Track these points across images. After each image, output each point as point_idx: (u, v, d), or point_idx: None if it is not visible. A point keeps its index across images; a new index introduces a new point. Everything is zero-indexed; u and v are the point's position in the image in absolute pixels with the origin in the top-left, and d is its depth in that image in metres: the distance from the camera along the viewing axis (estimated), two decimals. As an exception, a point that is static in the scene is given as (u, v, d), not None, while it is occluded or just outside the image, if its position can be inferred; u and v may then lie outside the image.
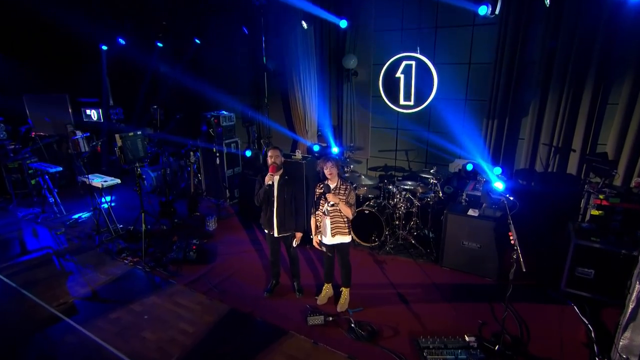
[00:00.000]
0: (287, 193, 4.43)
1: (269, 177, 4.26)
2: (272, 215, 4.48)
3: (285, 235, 4.57)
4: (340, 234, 4.31)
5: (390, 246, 5.89)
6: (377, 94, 7.40)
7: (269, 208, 4.50)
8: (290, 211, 4.48)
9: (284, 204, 4.43)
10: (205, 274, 5.32)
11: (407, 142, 7.43)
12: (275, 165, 4.32)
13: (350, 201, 4.24)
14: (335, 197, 4.14)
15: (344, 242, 4.36)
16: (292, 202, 4.48)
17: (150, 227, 6.55)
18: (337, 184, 4.24)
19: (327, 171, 4.18)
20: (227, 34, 8.16)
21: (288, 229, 4.52)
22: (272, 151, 4.40)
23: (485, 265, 5.05)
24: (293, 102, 7.87)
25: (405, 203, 5.95)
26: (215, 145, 7.33)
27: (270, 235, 4.60)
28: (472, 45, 6.38)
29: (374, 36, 7.19)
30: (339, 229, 4.30)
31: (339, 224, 4.29)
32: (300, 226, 4.56)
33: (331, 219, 4.28)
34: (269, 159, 4.39)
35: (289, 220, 4.49)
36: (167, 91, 9.10)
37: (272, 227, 4.50)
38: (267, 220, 4.54)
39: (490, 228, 4.90)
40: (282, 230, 4.49)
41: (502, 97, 6.11)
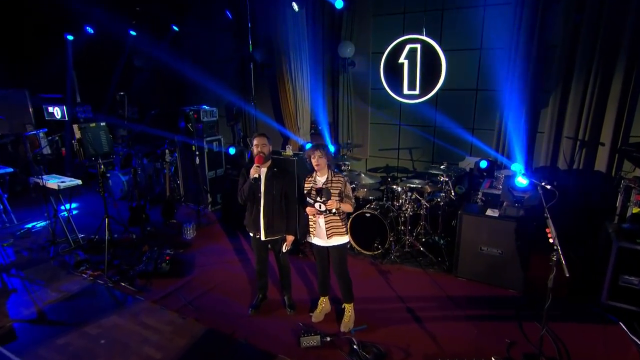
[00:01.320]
0: (275, 188, 3.95)
1: (255, 169, 3.78)
2: (258, 215, 3.99)
3: (273, 239, 4.08)
4: (338, 234, 3.84)
5: (396, 254, 5.43)
6: (377, 86, 7.02)
7: (254, 206, 4.02)
8: (279, 210, 4.00)
9: (272, 202, 3.96)
10: (179, 288, 4.80)
11: (411, 139, 7.02)
12: (262, 156, 3.85)
13: (347, 193, 3.81)
14: (335, 203, 3.67)
15: (341, 244, 3.87)
16: (281, 199, 4.01)
17: (118, 236, 6.05)
18: (328, 177, 3.79)
19: (314, 161, 3.73)
20: (208, 20, 7.75)
21: (277, 232, 4.04)
22: (258, 138, 3.92)
23: (508, 274, 4.60)
24: (283, 96, 7.43)
25: (411, 205, 5.49)
26: (195, 142, 6.82)
27: (256, 239, 4.09)
28: (483, 29, 6.05)
29: (373, 21, 6.85)
30: (336, 228, 3.83)
31: (335, 222, 3.83)
32: (292, 228, 4.08)
33: (326, 217, 3.80)
34: (255, 148, 3.91)
35: (279, 220, 4.01)
36: (141, 85, 8.59)
37: (259, 229, 4.01)
38: (252, 221, 4.04)
39: (513, 230, 4.48)
40: (270, 232, 4.01)
41: (519, 86, 5.74)
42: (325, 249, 3.95)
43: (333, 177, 3.79)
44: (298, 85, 7.25)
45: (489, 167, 5.85)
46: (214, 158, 7.31)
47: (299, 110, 7.39)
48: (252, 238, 4.16)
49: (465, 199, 5.78)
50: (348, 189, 3.83)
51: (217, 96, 8.25)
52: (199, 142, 6.97)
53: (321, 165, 3.74)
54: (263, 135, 3.98)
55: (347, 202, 3.78)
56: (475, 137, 6.43)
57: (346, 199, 3.79)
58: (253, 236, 4.12)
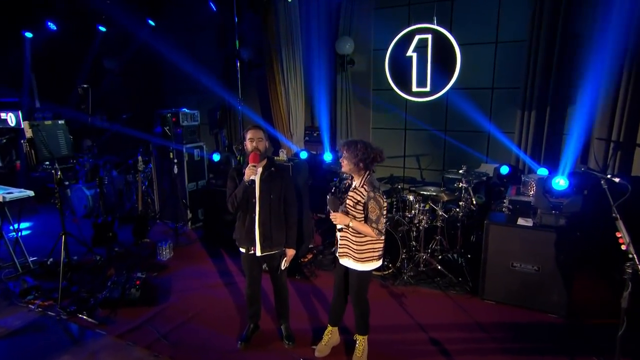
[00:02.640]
0: (274, 191, 3.44)
1: (251, 169, 3.27)
2: (252, 225, 3.46)
3: (271, 254, 3.55)
4: (350, 257, 3.29)
5: (409, 274, 4.94)
6: (380, 86, 6.68)
7: (247, 215, 3.49)
8: (278, 218, 3.49)
9: (269, 208, 3.44)
10: (151, 318, 4.21)
11: (418, 145, 6.64)
12: (257, 153, 3.35)
13: (369, 215, 3.14)
14: (343, 217, 3.14)
15: (356, 270, 3.30)
16: (280, 204, 3.49)
17: (78, 258, 5.41)
18: (358, 182, 3.22)
19: (341, 159, 3.22)
20: (189, 14, 7.36)
21: (275, 245, 3.51)
22: (253, 131, 3.43)
23: (547, 296, 4.11)
24: (274, 99, 7.00)
25: (426, 216, 4.99)
26: (174, 149, 6.29)
27: (248, 256, 3.55)
28: (499, 19, 5.79)
29: (374, 15, 6.59)
30: (349, 249, 3.29)
31: (350, 243, 3.28)
32: (293, 240, 3.56)
33: (340, 233, 3.31)
34: (248, 144, 3.42)
35: (277, 231, 3.49)
36: (111, 88, 8.05)
37: (253, 242, 3.48)
38: (245, 233, 3.51)
39: (552, 241, 4.02)
40: (267, 245, 3.48)
41: (541, 82, 5.48)
42: (343, 268, 3.41)
43: (360, 186, 3.20)
44: (291, 87, 6.84)
45: (511, 173, 5.46)
46: (195, 167, 6.82)
47: (292, 114, 6.95)
48: (244, 255, 3.61)
49: (484, 210, 5.32)
50: (371, 209, 3.09)
51: (198, 100, 7.83)
52: (178, 148, 6.44)
53: (345, 167, 3.21)
54: (258, 127, 3.49)
55: (367, 224, 3.15)
56: (492, 141, 6.07)
57: (369, 222, 3.16)
58: (245, 252, 3.57)
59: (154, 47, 7.96)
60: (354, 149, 3.12)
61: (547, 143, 5.59)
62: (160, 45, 7.93)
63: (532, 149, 5.66)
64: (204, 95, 7.97)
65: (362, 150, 3.10)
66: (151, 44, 7.92)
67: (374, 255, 3.23)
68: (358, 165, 3.12)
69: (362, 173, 3.17)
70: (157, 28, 7.78)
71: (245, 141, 3.47)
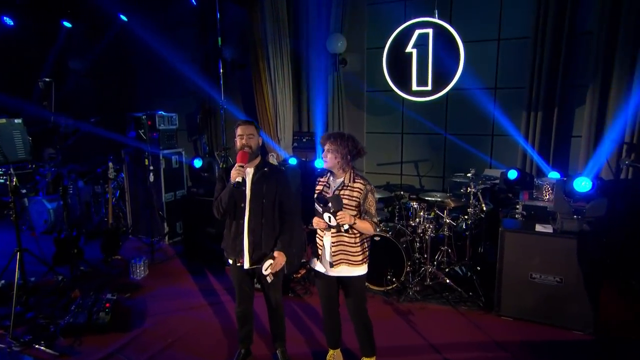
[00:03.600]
0: (267, 195, 3.13)
1: (238, 170, 2.94)
2: (240, 233, 3.13)
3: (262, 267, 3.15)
4: (348, 262, 3.00)
5: (415, 289, 4.64)
6: (374, 87, 6.47)
7: (234, 222, 3.17)
8: (271, 225, 3.16)
9: (261, 213, 3.12)
10: (124, 346, 3.79)
11: (416, 151, 6.44)
12: (246, 152, 3.04)
13: (369, 209, 2.95)
14: (348, 216, 2.84)
15: (353, 276, 3.03)
16: (274, 209, 3.17)
17: (36, 279, 4.96)
18: (346, 178, 2.98)
19: (324, 153, 3.00)
20: (166, 8, 7.05)
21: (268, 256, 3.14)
22: (244, 127, 3.13)
23: (571, 310, 3.87)
24: (260, 102, 6.70)
25: (432, 225, 4.72)
26: (149, 155, 5.91)
27: (236, 268, 3.22)
28: (501, 15, 5.68)
29: (368, 11, 6.43)
30: (346, 254, 3.00)
31: (347, 246, 2.99)
32: (284, 245, 3.15)
33: (335, 237, 2.99)
34: (237, 140, 3.11)
35: (270, 239, 3.15)
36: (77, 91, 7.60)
37: (241, 253, 3.14)
38: (231, 242, 3.18)
39: (576, 249, 3.79)
40: (257, 257, 3.14)
41: (547, 82, 5.36)
42: (334, 281, 3.11)
43: (352, 181, 2.97)
44: (278, 88, 6.56)
45: (519, 177, 5.27)
46: (173, 176, 6.45)
47: (279, 117, 6.66)
48: (232, 267, 3.26)
49: (493, 218, 5.10)
50: (370, 202, 2.96)
51: (176, 103, 7.49)
52: (154, 154, 6.06)
53: (330, 162, 2.96)
54: (249, 122, 3.18)
55: (366, 220, 2.94)
56: (495, 144, 5.90)
57: (365, 215, 2.95)
58: (233, 264, 3.22)
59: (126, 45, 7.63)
60: (341, 140, 2.93)
61: (556, 146, 5.45)
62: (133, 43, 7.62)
63: (539, 152, 5.50)
64: (182, 99, 7.62)
65: (350, 142, 2.93)
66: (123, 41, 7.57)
67: (366, 255, 3.06)
68: (346, 159, 2.92)
69: (348, 168, 2.98)
70: (129, 24, 7.42)
71: (235, 138, 3.16)
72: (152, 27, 7.29)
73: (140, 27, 7.38)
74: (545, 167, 5.19)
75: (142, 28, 7.36)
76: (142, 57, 7.88)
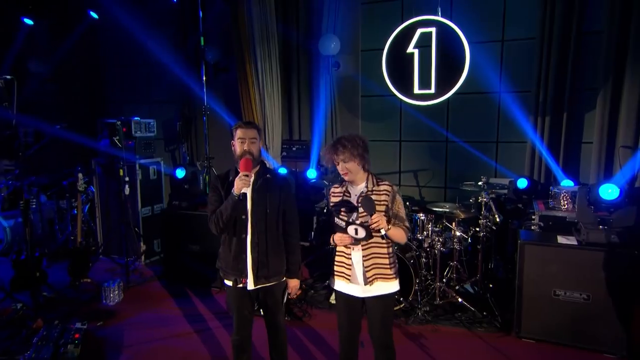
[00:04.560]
0: (270, 205, 2.90)
1: (242, 181, 2.70)
2: (242, 249, 2.87)
3: (268, 287, 2.95)
4: (384, 277, 2.75)
5: (425, 309, 4.41)
6: (369, 92, 6.34)
7: (235, 237, 2.90)
8: (276, 239, 2.94)
9: (264, 227, 2.89)
10: None
11: (415, 159, 6.30)
12: (249, 159, 2.81)
13: (398, 212, 2.77)
14: (382, 218, 2.58)
15: (388, 294, 2.78)
16: (279, 221, 2.95)
17: None
18: (369, 183, 2.78)
19: (340, 168, 2.74)
20: (142, 5, 6.76)
21: (273, 274, 2.94)
22: (245, 130, 2.90)
23: (601, 331, 3.69)
24: (247, 107, 6.46)
25: (441, 238, 4.52)
26: (124, 165, 5.58)
27: (235, 290, 2.93)
28: (504, 15, 5.59)
29: (362, 10, 6.26)
30: (382, 267, 2.76)
31: (381, 258, 2.76)
32: (296, 267, 3.03)
33: (365, 250, 2.74)
34: (237, 145, 2.89)
35: (276, 255, 2.93)
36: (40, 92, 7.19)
37: (244, 272, 2.87)
38: (232, 260, 2.90)
39: (604, 263, 3.63)
40: (262, 275, 2.89)
41: (555, 85, 5.26)
42: (360, 302, 2.83)
43: (376, 185, 2.76)
44: (267, 93, 6.31)
45: (530, 187, 5.14)
46: (150, 188, 6.19)
47: (267, 124, 6.40)
48: (230, 290, 2.97)
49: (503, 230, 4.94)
50: (399, 205, 2.77)
51: (152, 110, 7.22)
52: (129, 165, 5.76)
53: (352, 172, 2.72)
54: (252, 125, 2.96)
55: (398, 225, 2.72)
56: (500, 151, 5.79)
57: (396, 220, 2.73)
58: (233, 286, 2.92)
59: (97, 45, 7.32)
60: (351, 143, 2.69)
61: (565, 152, 5.36)
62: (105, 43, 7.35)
63: (547, 161, 5.39)
64: (159, 104, 7.32)
65: (357, 139, 2.74)
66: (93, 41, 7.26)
67: (397, 268, 2.86)
68: (365, 159, 2.73)
69: (366, 172, 2.79)
70: (100, 22, 7.10)
71: (233, 141, 2.92)
72: (125, 26, 6.98)
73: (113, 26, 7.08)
74: (559, 174, 5.07)
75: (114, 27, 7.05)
76: (114, 58, 7.57)
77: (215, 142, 6.82)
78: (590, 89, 5.19)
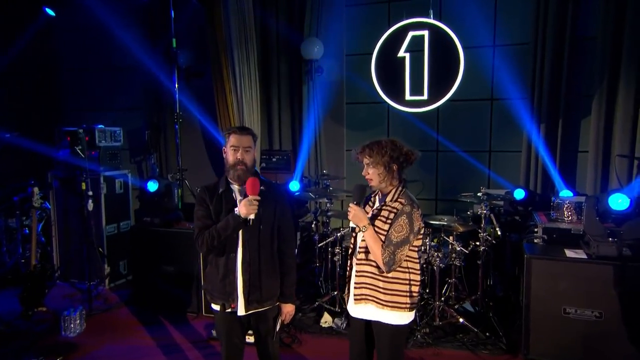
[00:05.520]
0: (264, 219, 2.69)
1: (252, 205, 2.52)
2: (232, 270, 2.66)
3: (260, 312, 2.73)
4: (375, 302, 2.54)
5: (424, 330, 4.27)
6: (355, 99, 6.26)
7: (223, 256, 2.68)
8: (270, 258, 2.75)
9: (257, 244, 2.68)
10: None
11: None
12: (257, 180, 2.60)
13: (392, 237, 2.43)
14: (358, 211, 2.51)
15: (383, 323, 2.54)
16: (273, 238, 2.76)
17: None
18: (390, 196, 2.56)
19: (364, 172, 2.58)
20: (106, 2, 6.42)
21: (267, 298, 2.73)
22: (239, 137, 2.68)
23: (614, 351, 3.63)
24: (224, 114, 6.20)
25: (440, 254, 4.40)
26: (88, 179, 5.26)
27: (225, 315, 2.71)
28: (495, 19, 5.63)
29: (346, 13, 6.19)
30: (372, 289, 2.56)
31: (373, 279, 2.56)
32: (291, 291, 2.84)
33: (359, 266, 2.61)
34: (231, 153, 2.67)
35: (269, 278, 2.73)
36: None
37: (233, 295, 2.66)
38: (220, 282, 2.69)
39: (616, 278, 3.57)
40: (254, 299, 2.67)
41: (549, 92, 5.31)
42: (362, 326, 2.66)
43: (393, 200, 2.54)
44: (245, 99, 6.08)
45: (527, 198, 5.11)
46: (116, 203, 5.88)
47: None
48: (219, 315, 2.76)
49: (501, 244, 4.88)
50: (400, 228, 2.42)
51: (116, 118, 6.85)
52: (93, 178, 5.45)
53: (374, 179, 2.54)
54: (247, 131, 2.74)
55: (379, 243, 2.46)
56: (494, 161, 5.81)
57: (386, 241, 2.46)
58: (221, 310, 2.71)
59: (53, 46, 7.01)
60: (378, 148, 2.51)
61: (560, 162, 5.38)
62: (62, 43, 7.01)
63: (544, 169, 5.41)
64: (124, 112, 6.98)
65: (390, 146, 2.51)
66: (49, 41, 6.95)
67: (404, 301, 2.50)
68: (390, 167, 2.49)
69: (395, 183, 2.56)
70: (57, 20, 6.76)
71: (225, 147, 2.72)
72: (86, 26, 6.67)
73: (72, 24, 6.80)
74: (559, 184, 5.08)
75: (74, 25, 6.79)
76: (73, 61, 7.19)
77: (188, 152, 6.53)
78: (585, 96, 5.25)
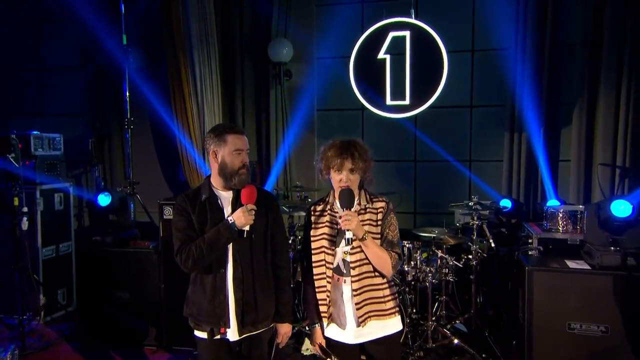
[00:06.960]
0: (257, 229, 2.49)
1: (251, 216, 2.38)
2: (221, 289, 2.45)
3: (254, 336, 2.52)
4: (378, 315, 2.42)
5: (418, 354, 4.14)
6: (327, 105, 6.15)
7: (211, 274, 2.46)
8: (264, 274, 2.56)
9: (249, 257, 2.48)
10: None
11: (381, 182, 6.03)
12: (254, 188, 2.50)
13: (390, 238, 2.45)
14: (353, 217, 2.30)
15: (389, 336, 2.45)
16: (267, 250, 2.57)
17: None
18: (362, 199, 2.52)
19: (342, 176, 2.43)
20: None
21: (262, 319, 2.55)
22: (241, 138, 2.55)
23: None
24: (183, 121, 5.85)
25: (432, 269, 4.29)
26: (21, 192, 4.76)
27: (214, 343, 2.46)
28: (474, 23, 5.72)
29: (316, 13, 6.12)
30: (375, 302, 2.43)
31: (374, 290, 2.44)
32: (287, 309, 2.66)
33: (356, 281, 2.41)
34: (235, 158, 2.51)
35: (264, 296, 2.54)
36: None
37: (224, 319, 2.43)
38: (207, 303, 2.45)
39: (622, 290, 3.56)
40: (249, 321, 2.48)
41: (530, 99, 5.38)
42: (356, 351, 2.51)
43: (370, 202, 2.50)
44: (207, 106, 5.79)
45: (514, 208, 5.13)
46: (55, 222, 5.38)
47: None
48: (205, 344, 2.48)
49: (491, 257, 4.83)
50: (392, 225, 2.48)
51: (53, 124, 6.43)
52: (27, 191, 4.93)
53: (353, 184, 2.45)
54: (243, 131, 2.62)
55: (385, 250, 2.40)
56: (474, 172, 5.81)
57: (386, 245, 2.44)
58: (208, 338, 2.44)
59: None
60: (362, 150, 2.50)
61: (542, 172, 5.46)
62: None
63: (527, 178, 5.48)
64: (62, 118, 6.52)
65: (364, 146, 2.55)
66: None
67: (397, 302, 2.54)
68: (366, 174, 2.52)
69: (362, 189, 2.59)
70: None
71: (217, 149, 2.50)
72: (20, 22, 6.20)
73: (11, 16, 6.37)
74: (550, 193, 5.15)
75: (13, 16, 6.36)
76: (9, 56, 6.70)
77: (139, 163, 6.10)
78: (566, 104, 5.38)
